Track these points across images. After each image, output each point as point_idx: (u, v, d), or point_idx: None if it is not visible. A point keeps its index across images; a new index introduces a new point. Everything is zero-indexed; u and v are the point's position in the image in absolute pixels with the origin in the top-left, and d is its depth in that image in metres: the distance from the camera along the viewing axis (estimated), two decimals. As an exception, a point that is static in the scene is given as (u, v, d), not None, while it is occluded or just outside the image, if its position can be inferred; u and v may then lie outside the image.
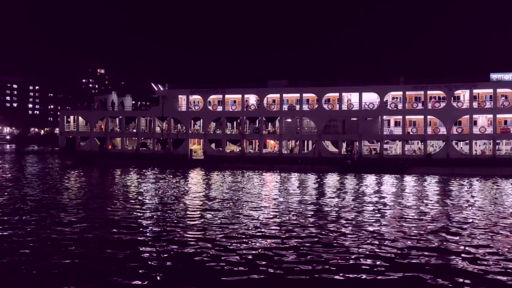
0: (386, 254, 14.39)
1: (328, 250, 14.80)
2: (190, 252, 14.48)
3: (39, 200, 25.14)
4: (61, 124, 61.01)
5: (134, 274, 12.36)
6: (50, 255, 13.91)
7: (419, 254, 14.46)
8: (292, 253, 14.41)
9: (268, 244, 15.69)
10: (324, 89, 52.87)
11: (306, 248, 15.10)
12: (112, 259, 13.71)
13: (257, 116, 54.56)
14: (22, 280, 11.91)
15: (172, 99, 56.56)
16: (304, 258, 13.93)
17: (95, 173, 44.00)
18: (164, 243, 15.61)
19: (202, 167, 50.44)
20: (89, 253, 14.27)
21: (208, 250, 14.72)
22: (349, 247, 15.25)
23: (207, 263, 13.37)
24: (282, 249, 14.96)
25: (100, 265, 13.07)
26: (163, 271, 12.67)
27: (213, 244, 15.42)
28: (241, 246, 15.23)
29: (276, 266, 13.05)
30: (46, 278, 12.00)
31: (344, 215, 21.44)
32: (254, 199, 26.59)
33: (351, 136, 51.26)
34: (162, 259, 13.74)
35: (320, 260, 13.66)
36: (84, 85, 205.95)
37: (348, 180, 38.86)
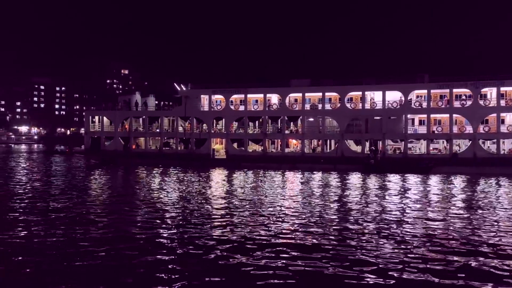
0: (408, 256, 14.14)
1: (350, 251, 14.63)
2: (213, 252, 14.51)
3: (65, 198, 25.61)
4: (86, 124, 62.14)
5: (156, 272, 12.46)
6: (74, 253, 14.15)
7: (445, 257, 14.16)
8: (314, 253, 14.30)
9: (290, 243, 15.60)
10: (347, 88, 52.42)
11: (328, 248, 14.97)
12: (133, 258, 13.85)
13: (279, 115, 54.47)
14: (51, 276, 12.15)
15: (195, 99, 56.95)
16: (326, 258, 13.80)
17: (119, 172, 44.62)
18: (186, 241, 15.70)
19: (224, 166, 50.62)
20: (112, 250, 14.47)
21: (230, 249, 14.74)
22: (371, 248, 15.04)
23: (228, 262, 13.39)
24: (304, 249, 14.86)
25: (124, 261, 13.23)
26: (186, 270, 12.73)
27: (235, 244, 15.43)
28: (263, 246, 15.19)
29: (298, 266, 12.98)
30: (68, 276, 12.21)
31: (367, 215, 21.18)
32: (276, 198, 26.53)
33: (374, 135, 50.68)
34: (185, 258, 13.81)
35: (341, 260, 13.53)
36: (108, 85, 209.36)
37: (371, 179, 38.41)
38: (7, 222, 18.85)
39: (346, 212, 22.00)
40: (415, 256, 14.07)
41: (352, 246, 15.26)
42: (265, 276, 12.18)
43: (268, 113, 54.74)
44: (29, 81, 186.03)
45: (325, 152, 52.18)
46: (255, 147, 55.57)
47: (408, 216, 21.10)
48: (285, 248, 14.93)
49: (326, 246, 15.21)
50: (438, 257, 14.01)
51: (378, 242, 15.84)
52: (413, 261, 13.51)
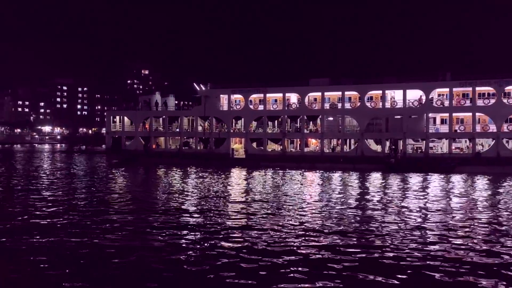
0: (427, 258, 13.94)
1: (370, 252, 14.51)
2: (232, 251, 14.55)
3: (87, 196, 26.03)
4: (108, 124, 63.01)
5: (176, 271, 12.56)
6: (93, 253, 14.37)
7: (470, 261, 13.91)
8: (332, 253, 14.23)
9: (309, 244, 15.54)
10: (366, 86, 51.94)
11: (348, 248, 14.86)
12: (154, 257, 13.99)
13: (298, 114, 54.29)
14: (71, 270, 12.36)
15: (214, 98, 57.20)
16: (346, 259, 13.72)
17: (139, 172, 45.11)
18: (205, 240, 15.79)
19: (244, 166, 50.70)
20: (132, 247, 14.65)
21: (248, 249, 14.77)
22: (391, 249, 14.88)
23: (247, 261, 13.42)
24: (324, 249, 14.80)
25: (145, 261, 13.38)
26: (205, 269, 12.80)
27: (254, 243, 15.46)
28: (281, 246, 15.18)
29: (318, 266, 12.93)
30: (86, 278, 12.40)
31: (387, 215, 20.96)
32: (295, 198, 26.45)
33: (394, 135, 50.09)
34: (204, 256, 13.88)
35: (360, 261, 13.42)
36: (129, 86, 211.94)
37: (392, 179, 37.97)
38: (31, 221, 19.23)
39: (366, 212, 21.80)
40: (436, 258, 13.87)
41: (373, 247, 15.12)
42: (285, 275, 12.17)
43: (287, 112, 54.62)
44: (52, 82, 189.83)
45: (345, 152, 51.80)
46: (274, 146, 55.51)
47: (429, 216, 20.79)
48: (303, 247, 14.89)
49: (346, 246, 15.11)
50: (460, 259, 13.78)
51: (401, 243, 15.65)
52: (435, 263, 13.32)
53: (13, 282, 11.73)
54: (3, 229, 17.38)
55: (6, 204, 23.35)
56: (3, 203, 23.89)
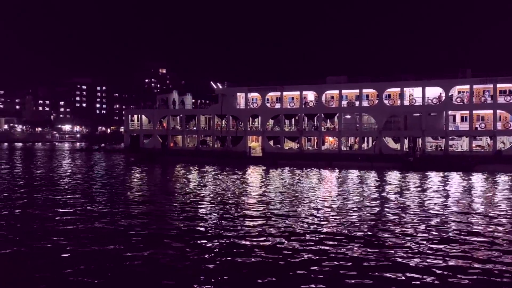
0: (447, 260, 13.75)
1: (388, 253, 14.38)
2: (248, 250, 14.57)
3: (106, 194, 26.35)
4: (126, 122, 63.68)
5: (195, 270, 12.63)
6: (112, 251, 14.55)
7: (491, 265, 13.67)
8: (349, 253, 14.14)
9: (327, 243, 15.47)
10: (384, 84, 51.43)
11: (364, 248, 14.75)
12: (173, 256, 14.09)
13: (315, 112, 54.06)
14: (91, 268, 12.54)
15: (231, 97, 57.31)
16: (362, 258, 13.62)
17: (157, 170, 45.47)
18: (222, 239, 15.85)
19: (261, 164, 50.71)
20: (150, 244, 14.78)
21: (265, 248, 14.77)
22: (409, 250, 14.71)
23: (263, 259, 13.42)
24: (340, 248, 14.72)
25: (166, 259, 13.50)
26: (223, 268, 12.84)
27: (271, 242, 15.45)
28: (299, 245, 15.14)
29: (335, 266, 12.87)
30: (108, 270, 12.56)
31: (405, 215, 20.73)
32: (312, 196, 26.36)
33: (413, 132, 49.51)
34: (220, 255, 13.94)
35: (378, 262, 13.31)
36: (147, 84, 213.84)
37: (410, 177, 37.55)
38: (52, 219, 19.55)
39: (383, 211, 21.60)
40: (456, 260, 13.67)
41: (390, 247, 14.97)
42: (302, 275, 12.15)
43: (304, 110, 54.44)
44: (72, 82, 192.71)
45: (363, 150, 51.42)
46: (291, 144, 55.38)
47: (449, 216, 20.49)
48: (319, 247, 14.83)
49: (363, 245, 15.00)
50: (483, 260, 13.56)
51: (419, 244, 15.46)
52: (457, 265, 13.14)
53: (31, 280, 11.93)
54: (20, 230, 17.70)
55: (22, 204, 23.76)
56: (20, 202, 24.30)
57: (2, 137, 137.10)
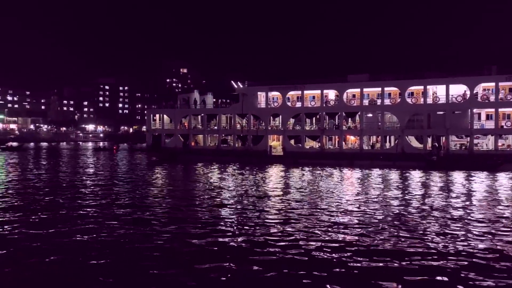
0: (472, 264, 13.46)
1: (409, 254, 14.17)
2: (268, 249, 14.56)
3: (128, 194, 26.69)
4: (148, 122, 64.41)
5: (215, 269, 12.68)
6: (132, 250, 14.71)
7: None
8: (369, 254, 13.99)
9: (348, 244, 15.34)
10: (407, 82, 50.71)
11: (387, 249, 14.58)
12: (192, 255, 14.17)
13: (336, 111, 53.68)
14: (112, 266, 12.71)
15: (252, 96, 57.36)
16: (383, 259, 13.45)
17: (178, 169, 45.82)
18: (243, 237, 15.87)
19: (282, 163, 50.62)
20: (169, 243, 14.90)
21: (286, 248, 14.73)
22: (432, 253, 14.46)
23: (284, 259, 13.38)
24: (360, 248, 14.58)
25: (185, 258, 13.59)
26: (243, 266, 12.86)
27: (291, 242, 15.41)
28: (319, 245, 15.05)
29: (355, 267, 12.76)
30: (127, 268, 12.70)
31: (428, 215, 20.39)
32: (333, 196, 26.17)
33: (437, 131, 48.71)
34: (240, 253, 13.95)
35: (400, 264, 13.12)
36: (168, 84, 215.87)
37: (434, 177, 36.93)
38: (75, 217, 19.90)
39: (405, 211, 21.30)
40: (483, 266, 13.38)
41: (412, 247, 14.75)
42: (323, 273, 12.07)
43: (325, 109, 54.12)
44: (95, 82, 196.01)
45: (385, 149, 50.84)
46: (312, 143, 55.13)
47: (474, 217, 20.07)
48: (340, 247, 14.71)
49: (383, 246, 14.82)
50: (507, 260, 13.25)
51: (443, 246, 15.20)
52: (482, 269, 12.87)
53: (53, 275, 12.16)
54: (46, 226, 18.06)
55: (46, 203, 24.22)
56: (45, 201, 24.78)
57: (29, 136, 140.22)
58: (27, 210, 20.97)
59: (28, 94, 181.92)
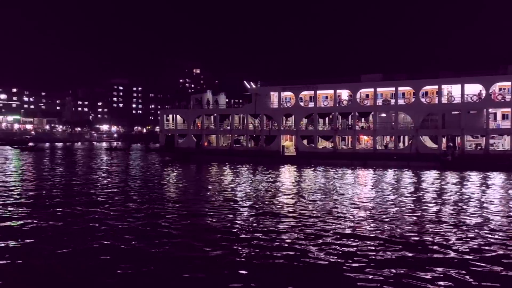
0: (489, 270, 13.26)
1: (425, 257, 14.01)
2: (280, 249, 14.52)
3: (142, 192, 26.86)
4: (161, 122, 64.78)
5: (230, 270, 12.68)
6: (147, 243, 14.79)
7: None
8: (383, 255, 13.87)
9: (360, 245, 15.24)
10: (421, 81, 50.22)
11: (401, 251, 14.43)
12: (207, 253, 14.20)
13: (349, 111, 53.39)
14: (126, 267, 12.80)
15: (264, 96, 57.33)
16: (398, 264, 13.33)
17: (192, 169, 45.98)
18: (255, 237, 15.85)
19: (294, 163, 50.49)
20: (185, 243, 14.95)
21: (298, 248, 14.68)
22: (447, 257, 14.29)
23: (296, 259, 13.34)
24: (375, 250, 14.46)
25: (197, 257, 13.62)
26: (255, 267, 12.84)
27: (303, 242, 15.35)
28: (332, 247, 14.97)
29: (374, 268, 12.66)
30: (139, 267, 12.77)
31: (443, 217, 20.14)
32: (347, 196, 26.01)
33: (451, 131, 48.17)
34: (252, 254, 13.94)
35: (415, 268, 12.99)
36: (181, 84, 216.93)
37: (448, 177, 36.49)
38: (90, 215, 20.09)
39: (420, 213, 21.08)
40: (499, 271, 13.17)
41: (428, 250, 14.59)
42: (337, 274, 12.00)
43: (338, 109, 53.86)
44: (109, 83, 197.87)
45: (399, 149, 50.41)
46: (325, 143, 54.92)
47: (490, 219, 19.77)
48: (353, 248, 14.62)
49: (398, 248, 14.68)
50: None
51: (457, 250, 15.00)
52: (497, 275, 12.67)
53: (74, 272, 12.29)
54: (59, 228, 18.25)
55: (61, 202, 24.48)
56: (60, 200, 25.06)
57: (44, 136, 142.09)
58: (46, 206, 21.24)
59: (43, 95, 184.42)
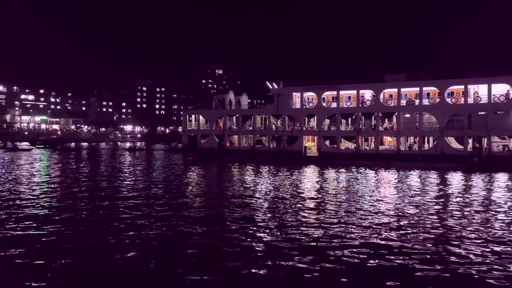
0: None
1: (447, 263, 13.77)
2: (303, 252, 14.48)
3: (166, 191, 27.14)
4: (184, 122, 65.32)
5: (252, 271, 12.72)
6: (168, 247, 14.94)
7: None
8: (405, 261, 13.69)
9: (383, 248, 15.07)
10: (447, 81, 49.30)
11: (425, 256, 14.22)
12: (231, 254, 14.26)
13: (373, 112, 52.82)
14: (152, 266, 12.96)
15: (287, 96, 57.20)
16: (422, 268, 13.13)
17: (214, 169, 46.22)
18: (277, 238, 15.85)
19: (316, 164, 50.23)
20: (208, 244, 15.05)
21: (321, 251, 14.61)
22: (471, 263, 14.00)
23: (317, 262, 13.28)
24: (396, 255, 14.28)
25: (219, 256, 13.71)
26: (277, 269, 12.84)
27: (325, 244, 15.28)
28: (353, 248, 14.85)
29: (392, 275, 12.51)
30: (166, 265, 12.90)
31: (468, 220, 19.74)
32: (369, 198, 25.75)
33: (478, 132, 47.16)
34: (277, 255, 13.94)
35: (438, 272, 12.78)
36: (204, 85, 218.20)
37: (475, 179, 35.75)
38: (114, 215, 20.41)
39: (444, 216, 20.71)
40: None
41: (452, 254, 14.34)
42: (358, 277, 11.91)
43: (361, 109, 53.36)
44: (133, 83, 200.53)
45: (423, 150, 49.62)
46: (348, 144, 54.48)
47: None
48: (377, 252, 14.47)
49: (422, 253, 14.46)
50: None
51: (481, 256, 14.69)
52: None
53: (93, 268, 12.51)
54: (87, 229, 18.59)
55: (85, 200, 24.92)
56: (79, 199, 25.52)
57: (70, 137, 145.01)
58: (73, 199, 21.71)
59: (69, 95, 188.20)
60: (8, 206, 21.94)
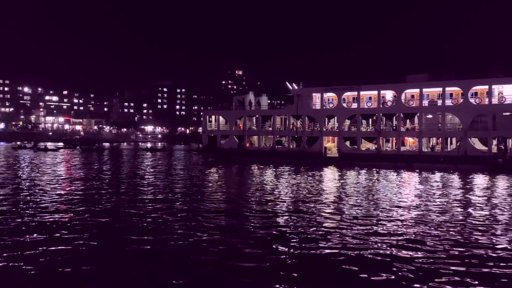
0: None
1: (473, 267, 13.51)
2: (322, 253, 14.40)
3: (187, 191, 27.34)
4: (204, 123, 65.63)
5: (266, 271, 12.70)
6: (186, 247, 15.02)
7: None
8: (426, 266, 13.48)
9: (402, 253, 14.88)
10: (470, 81, 48.37)
11: (448, 260, 13.98)
12: (248, 255, 14.27)
13: (394, 112, 52.19)
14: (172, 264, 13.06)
15: (307, 97, 56.98)
16: (445, 273, 12.92)
17: (234, 169, 46.35)
18: (297, 239, 15.79)
19: (337, 165, 49.89)
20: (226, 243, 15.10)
21: (339, 252, 14.51)
22: (499, 265, 13.71)
23: (338, 262, 13.19)
24: (417, 260, 14.08)
25: (234, 258, 13.74)
26: (296, 268, 12.80)
27: (344, 245, 15.16)
28: (373, 254, 14.69)
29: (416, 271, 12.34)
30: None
31: (494, 224, 19.34)
32: (390, 200, 25.46)
33: (503, 133, 46.14)
34: (294, 256, 13.89)
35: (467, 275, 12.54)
36: (224, 86, 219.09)
37: (499, 181, 35.01)
38: (134, 215, 20.64)
39: (469, 219, 20.33)
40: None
41: (480, 258, 14.07)
42: (377, 278, 11.79)
43: (382, 110, 52.78)
44: (154, 84, 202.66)
45: (446, 151, 48.80)
46: (368, 145, 53.96)
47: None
48: (396, 256, 14.29)
49: (445, 257, 14.23)
50: None
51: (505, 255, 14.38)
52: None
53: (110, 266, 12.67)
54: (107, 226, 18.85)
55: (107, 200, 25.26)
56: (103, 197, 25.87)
57: (92, 137, 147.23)
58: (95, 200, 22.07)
59: (92, 97, 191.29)
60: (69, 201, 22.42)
